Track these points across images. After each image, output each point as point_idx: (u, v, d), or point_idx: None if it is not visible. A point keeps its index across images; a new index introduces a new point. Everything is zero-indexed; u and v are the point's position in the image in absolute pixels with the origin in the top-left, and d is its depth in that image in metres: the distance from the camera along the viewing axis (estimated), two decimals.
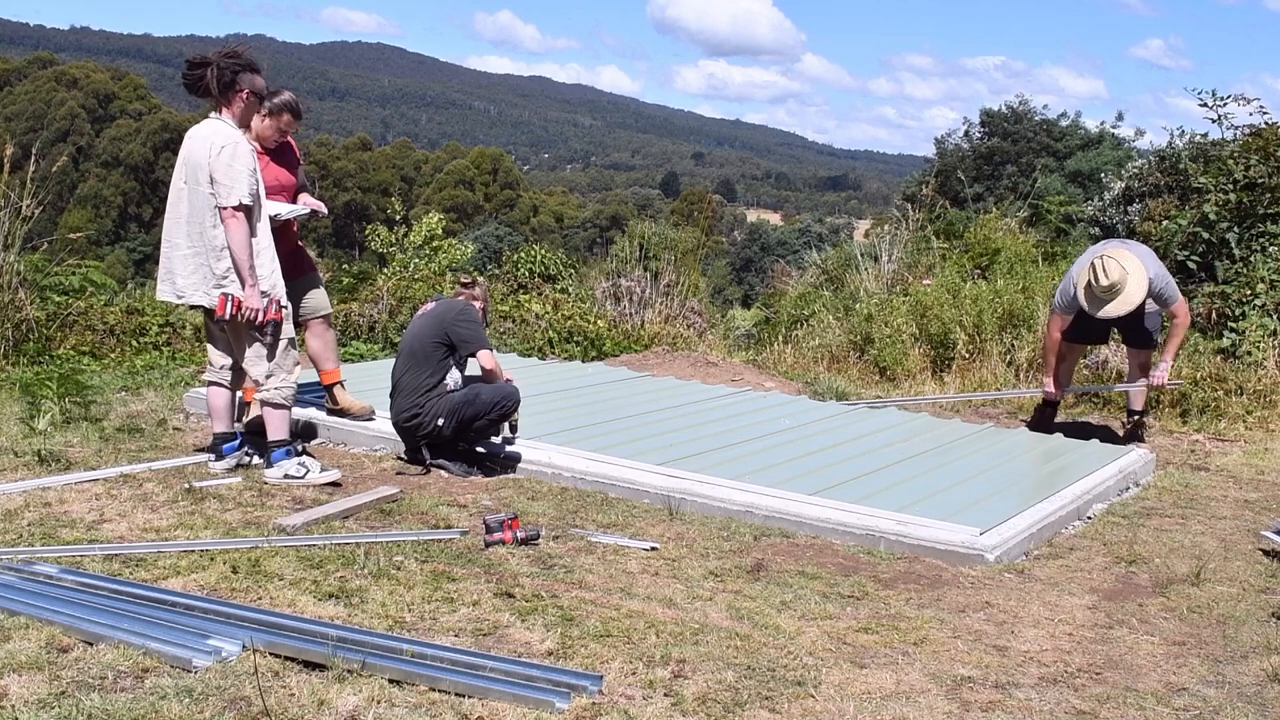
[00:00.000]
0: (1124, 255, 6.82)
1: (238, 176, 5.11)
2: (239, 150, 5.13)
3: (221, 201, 5.11)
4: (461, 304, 5.94)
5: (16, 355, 8.01)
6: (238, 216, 5.12)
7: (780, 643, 3.72)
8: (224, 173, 5.09)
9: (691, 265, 11.54)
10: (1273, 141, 10.32)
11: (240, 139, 5.19)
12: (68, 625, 3.47)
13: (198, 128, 5.32)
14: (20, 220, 8.33)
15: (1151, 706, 3.42)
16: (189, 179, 5.24)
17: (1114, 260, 6.74)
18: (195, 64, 5.26)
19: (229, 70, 5.19)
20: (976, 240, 11.67)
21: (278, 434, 5.42)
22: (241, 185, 5.11)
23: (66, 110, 72.14)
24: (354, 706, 3.08)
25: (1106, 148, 27.58)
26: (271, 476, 5.36)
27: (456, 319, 5.78)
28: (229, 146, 5.11)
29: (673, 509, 5.24)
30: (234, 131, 5.21)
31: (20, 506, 4.78)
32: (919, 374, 9.45)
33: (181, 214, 5.29)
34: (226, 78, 5.19)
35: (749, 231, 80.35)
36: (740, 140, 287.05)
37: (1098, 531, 5.33)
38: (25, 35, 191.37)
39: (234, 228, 5.13)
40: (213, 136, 5.16)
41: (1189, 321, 7.13)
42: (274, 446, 5.40)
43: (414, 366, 5.73)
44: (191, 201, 5.24)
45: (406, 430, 5.76)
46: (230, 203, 5.10)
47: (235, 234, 5.13)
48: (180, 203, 5.30)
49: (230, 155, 5.10)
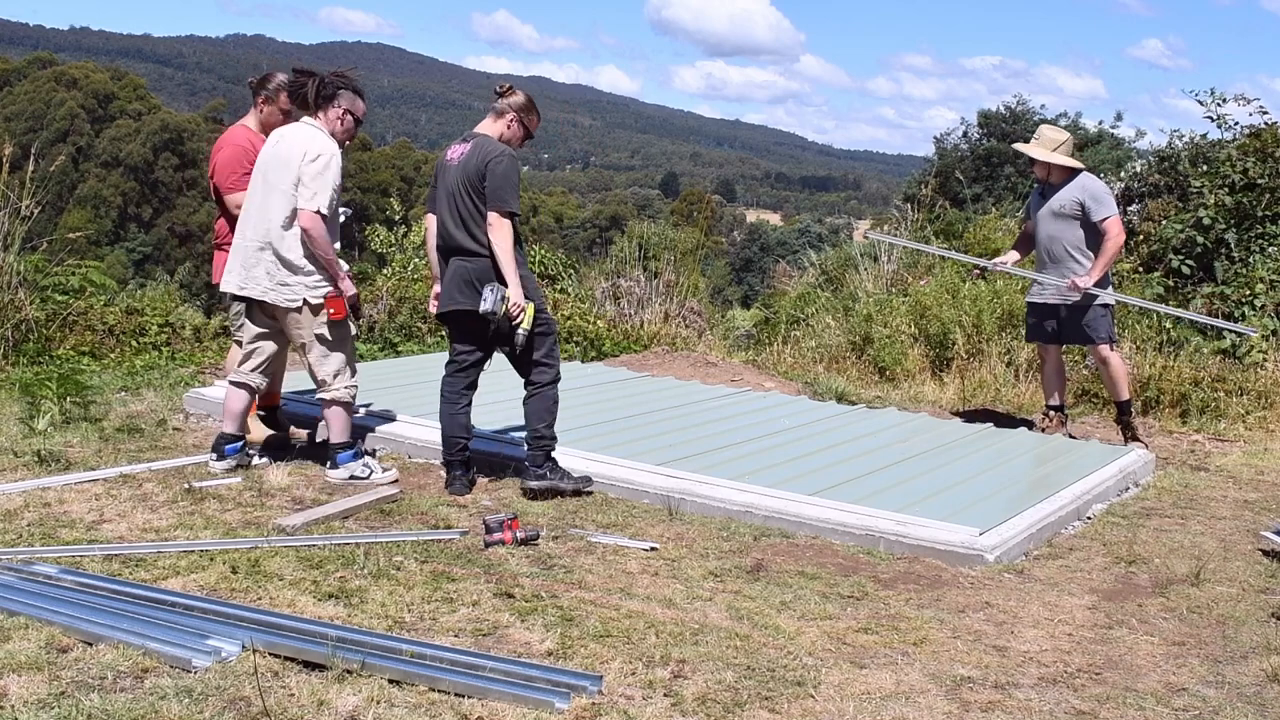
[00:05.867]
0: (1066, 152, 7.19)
1: (326, 186, 5.20)
2: (333, 163, 5.24)
3: (304, 205, 5.18)
4: (498, 149, 5.30)
5: (16, 355, 8.01)
6: (316, 219, 5.19)
7: (780, 643, 3.72)
8: (313, 178, 5.18)
9: (691, 265, 11.55)
10: (1271, 142, 10.32)
11: (337, 152, 5.29)
12: (67, 625, 3.47)
13: (290, 129, 5.39)
14: (20, 220, 8.33)
15: (1151, 707, 3.43)
16: (271, 177, 5.28)
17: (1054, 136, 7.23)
18: (302, 72, 5.41)
19: (332, 86, 5.34)
20: (976, 240, 11.68)
21: (341, 435, 5.46)
22: (325, 194, 5.21)
23: (66, 110, 72.08)
24: (354, 707, 3.08)
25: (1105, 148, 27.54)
26: (336, 477, 5.39)
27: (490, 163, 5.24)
28: (325, 156, 5.21)
29: (672, 509, 5.24)
30: (332, 143, 5.30)
31: (20, 506, 4.78)
32: (918, 374, 9.46)
33: (254, 209, 5.36)
34: (328, 91, 5.33)
35: (749, 231, 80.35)
36: (739, 140, 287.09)
37: (1097, 532, 5.33)
38: (25, 35, 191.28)
39: (315, 229, 5.20)
40: (310, 142, 5.23)
41: (1121, 241, 7.07)
42: (338, 449, 5.43)
43: (467, 222, 5.23)
44: (266, 199, 5.29)
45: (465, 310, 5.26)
46: (312, 207, 5.18)
47: (317, 233, 5.21)
48: (255, 197, 5.37)
49: (324, 164, 5.20)
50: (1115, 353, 7.28)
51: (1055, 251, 7.10)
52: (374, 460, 5.49)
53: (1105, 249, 6.95)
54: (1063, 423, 7.39)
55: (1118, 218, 7.04)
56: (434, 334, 10.42)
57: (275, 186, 5.26)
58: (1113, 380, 7.26)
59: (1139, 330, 9.24)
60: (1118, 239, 6.99)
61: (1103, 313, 7.06)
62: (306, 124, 5.37)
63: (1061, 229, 7.05)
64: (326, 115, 5.35)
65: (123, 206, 70.03)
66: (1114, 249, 7.00)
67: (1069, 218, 7.02)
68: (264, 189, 5.31)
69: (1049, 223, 7.11)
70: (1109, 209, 6.99)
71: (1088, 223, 6.98)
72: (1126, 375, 7.47)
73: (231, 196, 5.77)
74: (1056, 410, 7.41)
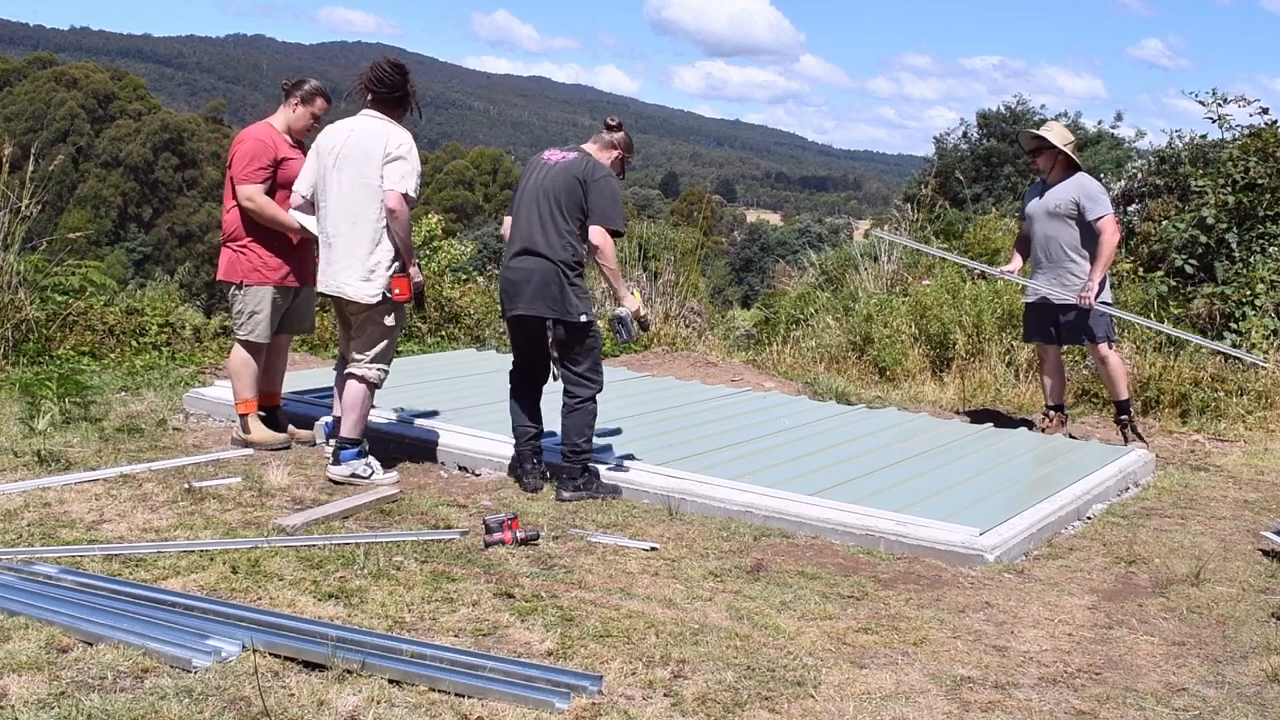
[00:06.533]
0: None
1: (414, 169, 5.34)
2: (414, 150, 5.39)
3: (395, 185, 5.26)
4: (606, 169, 5.36)
5: (16, 355, 8.01)
6: (404, 202, 5.29)
7: (780, 643, 3.72)
8: (403, 165, 5.28)
9: (691, 265, 11.55)
10: (1272, 142, 10.32)
11: (414, 142, 5.45)
12: (67, 625, 3.47)
13: (360, 122, 5.41)
14: (20, 220, 8.33)
15: (1151, 707, 3.42)
16: (354, 170, 5.33)
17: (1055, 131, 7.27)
18: (400, 70, 5.44)
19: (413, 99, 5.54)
20: (976, 240, 11.69)
21: (352, 429, 5.46)
22: (414, 178, 5.34)
23: (66, 110, 72.07)
24: (354, 707, 3.08)
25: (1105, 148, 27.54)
26: (337, 474, 5.40)
27: (599, 179, 5.27)
28: (407, 143, 5.35)
29: (672, 509, 5.24)
30: (408, 133, 5.43)
31: (20, 506, 4.78)
32: (918, 374, 9.46)
33: (332, 203, 5.39)
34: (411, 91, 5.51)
35: (749, 231, 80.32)
36: (739, 140, 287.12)
37: (1097, 532, 5.33)
38: (25, 35, 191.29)
39: (402, 212, 5.28)
40: (390, 133, 5.33)
41: (1116, 240, 7.10)
42: (345, 444, 5.44)
43: (552, 222, 5.23)
44: (355, 191, 5.33)
45: (536, 318, 5.28)
46: (404, 189, 5.27)
47: (403, 218, 5.30)
48: (332, 192, 5.39)
49: (409, 149, 5.34)
50: (1115, 352, 7.28)
51: (1052, 251, 7.10)
52: (375, 461, 5.50)
53: (1102, 250, 6.95)
54: (1063, 423, 7.39)
55: (1113, 217, 7.05)
56: (434, 334, 10.43)
57: (359, 180, 5.32)
58: (1112, 379, 7.26)
59: (1139, 330, 9.23)
60: (1113, 238, 7.00)
61: (1102, 312, 7.06)
62: (372, 117, 5.40)
63: (1058, 229, 7.05)
64: (398, 115, 5.46)
65: (123, 206, 70.04)
66: (1110, 249, 7.01)
67: (1064, 217, 7.02)
68: (351, 185, 5.34)
69: (1045, 222, 7.12)
70: (1104, 208, 6.99)
71: (1083, 222, 6.98)
72: (1125, 375, 7.47)
73: (244, 188, 5.77)
74: (1056, 410, 7.41)
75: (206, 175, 71.53)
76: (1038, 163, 7.24)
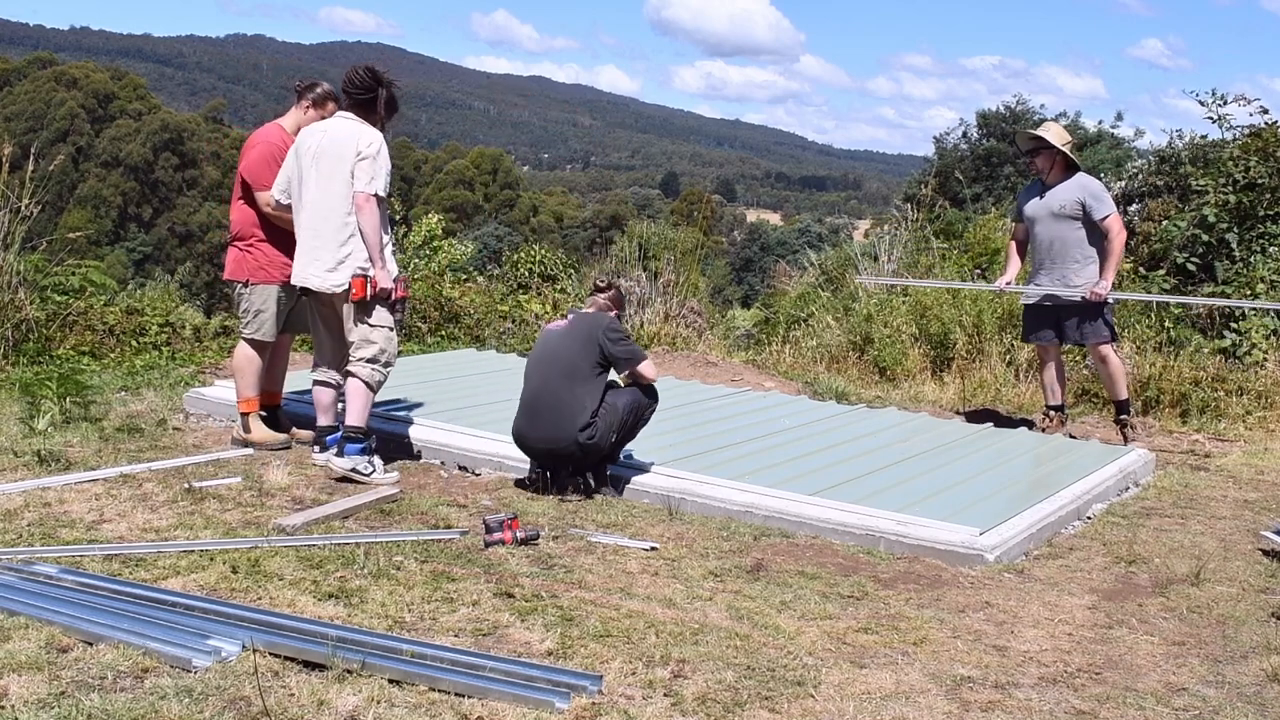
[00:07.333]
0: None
1: (382, 169, 5.47)
2: (384, 150, 5.53)
3: (364, 187, 5.40)
4: (607, 319, 5.55)
5: (16, 355, 8.01)
6: (372, 201, 5.41)
7: (780, 643, 3.72)
8: (370, 165, 5.42)
9: (691, 265, 11.54)
10: (1272, 142, 10.32)
11: (384, 141, 5.58)
12: (67, 625, 3.47)
13: (335, 124, 5.59)
14: (20, 220, 8.33)
15: (1151, 706, 3.42)
16: (328, 168, 5.48)
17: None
18: (372, 74, 5.57)
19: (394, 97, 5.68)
20: (976, 240, 11.68)
21: (356, 417, 5.50)
22: (383, 178, 5.47)
23: (66, 110, 72.09)
24: (354, 706, 3.08)
25: (1105, 148, 27.54)
26: (340, 466, 5.42)
27: (609, 337, 5.44)
28: (376, 143, 5.49)
29: (672, 509, 5.24)
30: (379, 134, 5.56)
31: (20, 506, 4.78)
32: (918, 374, 9.46)
33: (308, 200, 5.54)
34: (387, 96, 5.64)
35: (749, 231, 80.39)
36: (740, 140, 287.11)
37: (1097, 531, 5.33)
38: (25, 35, 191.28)
39: (369, 212, 5.41)
40: (360, 133, 5.48)
41: (1124, 238, 7.13)
42: (350, 436, 5.47)
43: (571, 385, 5.37)
44: (329, 186, 5.48)
45: (565, 454, 5.39)
46: (372, 190, 5.40)
47: (370, 218, 5.42)
48: (309, 189, 5.54)
49: (377, 150, 5.47)
50: (1115, 352, 7.28)
51: (1056, 252, 7.10)
52: (378, 459, 5.50)
53: (1112, 249, 6.96)
54: (1063, 423, 7.39)
55: (1118, 215, 7.07)
56: (434, 334, 10.43)
57: (331, 179, 5.46)
58: (1111, 379, 7.26)
59: (1139, 330, 9.24)
60: (1120, 236, 7.02)
61: (1102, 312, 7.06)
62: (346, 118, 5.56)
63: (1064, 229, 7.05)
64: (374, 118, 5.58)
65: (123, 206, 70.07)
66: (1120, 246, 7.03)
67: (1069, 218, 7.02)
68: (322, 183, 5.49)
69: (1049, 224, 7.11)
70: (1109, 207, 7.00)
71: (1089, 221, 6.98)
72: (1125, 375, 7.47)
73: (262, 195, 5.84)
74: (1056, 410, 7.41)
75: (206, 175, 71.59)
76: (1036, 163, 7.23)
